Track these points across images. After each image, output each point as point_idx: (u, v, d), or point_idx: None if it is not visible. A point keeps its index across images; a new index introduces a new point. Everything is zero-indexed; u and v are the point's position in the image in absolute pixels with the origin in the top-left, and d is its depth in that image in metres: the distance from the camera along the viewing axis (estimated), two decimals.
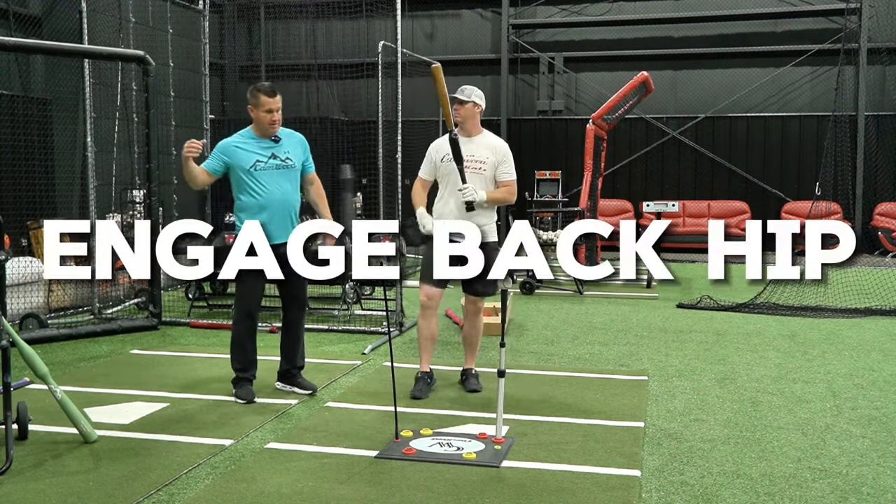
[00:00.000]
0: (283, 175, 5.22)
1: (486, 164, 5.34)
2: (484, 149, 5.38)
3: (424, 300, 5.37)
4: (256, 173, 5.17)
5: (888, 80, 14.79)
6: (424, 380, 5.43)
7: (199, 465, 4.12)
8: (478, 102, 5.40)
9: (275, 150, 5.25)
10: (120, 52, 8.41)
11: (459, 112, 5.36)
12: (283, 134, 5.32)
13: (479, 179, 5.33)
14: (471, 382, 5.56)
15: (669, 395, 5.48)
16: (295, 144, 5.34)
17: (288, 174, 5.26)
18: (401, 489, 3.82)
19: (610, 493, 3.76)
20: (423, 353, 5.48)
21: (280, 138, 5.28)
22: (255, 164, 5.18)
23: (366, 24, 14.16)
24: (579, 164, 11.56)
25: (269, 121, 5.18)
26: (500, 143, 5.49)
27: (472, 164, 5.32)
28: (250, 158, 5.19)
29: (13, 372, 4.41)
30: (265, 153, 5.22)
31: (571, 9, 16.34)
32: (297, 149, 5.34)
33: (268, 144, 5.24)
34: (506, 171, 5.42)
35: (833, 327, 7.89)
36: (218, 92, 15.32)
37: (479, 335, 5.61)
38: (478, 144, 5.39)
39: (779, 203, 15.35)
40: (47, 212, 10.21)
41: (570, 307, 9.09)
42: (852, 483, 3.91)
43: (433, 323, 5.45)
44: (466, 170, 5.27)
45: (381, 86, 8.92)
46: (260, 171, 5.18)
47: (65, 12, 11.15)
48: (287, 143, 5.31)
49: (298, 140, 5.39)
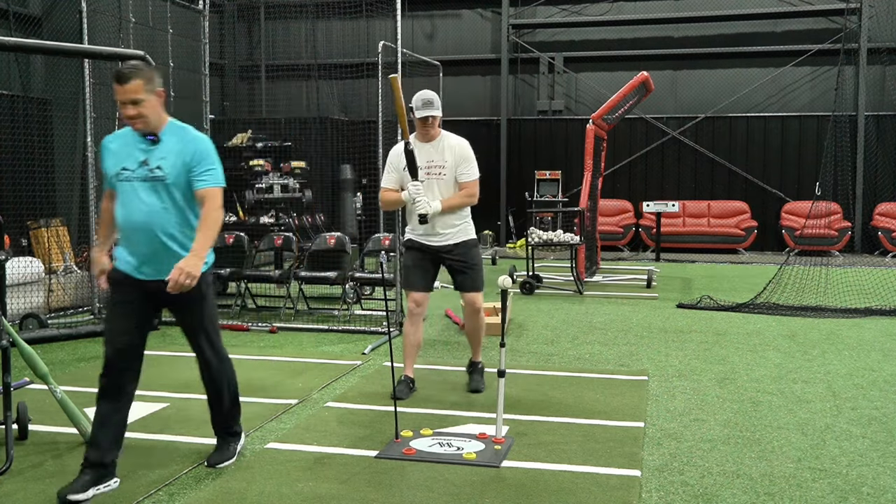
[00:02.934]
0: (150, 189, 3.77)
1: (446, 168, 5.25)
2: (443, 152, 5.27)
3: (413, 306, 5.38)
4: (119, 185, 3.81)
5: (888, 80, 14.80)
6: (407, 383, 5.44)
7: (199, 465, 4.12)
8: (440, 109, 5.24)
9: (150, 154, 3.80)
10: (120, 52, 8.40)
11: (432, 124, 5.22)
12: (171, 133, 3.86)
13: (441, 185, 5.24)
14: (474, 380, 5.56)
15: (669, 395, 5.48)
16: (178, 149, 3.81)
17: (156, 189, 3.77)
18: (401, 489, 3.82)
19: (610, 493, 3.76)
20: (407, 358, 5.50)
21: (159, 139, 3.82)
22: (119, 173, 3.81)
23: (366, 24, 14.17)
24: (579, 164, 11.56)
25: (126, 115, 3.75)
26: (459, 142, 5.34)
27: (433, 169, 5.24)
28: (116, 164, 3.83)
29: (13, 372, 4.41)
30: (136, 158, 3.80)
31: (571, 9, 16.34)
32: (178, 156, 3.79)
33: (145, 146, 3.81)
34: (464, 172, 5.27)
35: (833, 327, 7.89)
36: (218, 92, 15.33)
37: (481, 330, 5.61)
38: (436, 148, 5.28)
39: (779, 203, 15.36)
40: (47, 212, 10.22)
41: (570, 307, 9.09)
42: (852, 483, 3.91)
43: (419, 329, 5.47)
44: (428, 176, 5.21)
45: (381, 86, 8.91)
46: (123, 181, 3.80)
47: (65, 12, 11.15)
48: (167, 147, 3.81)
49: (188, 143, 3.84)
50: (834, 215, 13.55)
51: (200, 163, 3.82)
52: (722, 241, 15.04)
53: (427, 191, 5.21)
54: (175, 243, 3.83)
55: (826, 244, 13.73)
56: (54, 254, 9.56)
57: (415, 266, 5.37)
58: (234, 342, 7.16)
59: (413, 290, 5.36)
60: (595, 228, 12.02)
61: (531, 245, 10.39)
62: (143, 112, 3.73)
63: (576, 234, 10.51)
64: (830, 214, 12.58)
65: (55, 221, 10.37)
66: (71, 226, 10.92)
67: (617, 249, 15.52)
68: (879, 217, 14.50)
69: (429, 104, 5.18)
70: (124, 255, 3.88)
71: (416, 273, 5.36)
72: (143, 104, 3.71)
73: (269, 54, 16.07)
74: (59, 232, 10.08)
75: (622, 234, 15.45)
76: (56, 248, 9.75)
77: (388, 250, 8.74)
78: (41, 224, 10.18)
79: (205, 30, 9.69)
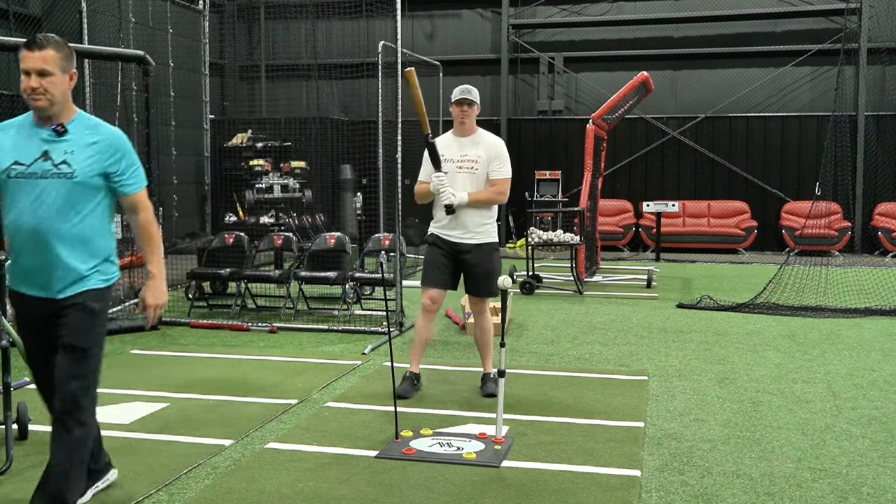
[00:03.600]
0: (50, 188, 3.19)
1: (479, 163, 5.29)
2: (478, 147, 5.34)
3: (427, 303, 5.34)
4: (10, 183, 3.24)
5: (888, 80, 14.79)
6: (412, 380, 5.42)
7: (199, 465, 4.12)
8: (478, 102, 5.38)
9: (51, 147, 3.24)
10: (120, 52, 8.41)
11: (468, 113, 5.30)
12: (81, 125, 3.30)
13: (472, 179, 5.28)
14: (488, 387, 5.44)
15: (669, 395, 5.48)
16: (90, 144, 3.27)
17: (60, 189, 3.20)
18: (401, 489, 3.82)
19: (610, 493, 3.76)
20: (414, 354, 5.48)
21: (65, 130, 3.26)
22: (10, 168, 3.23)
23: (366, 24, 14.17)
24: (579, 164, 11.56)
25: (26, 88, 3.19)
26: (494, 140, 5.43)
27: (466, 163, 5.28)
28: (6, 157, 3.25)
29: (13, 372, 4.41)
30: (33, 151, 3.24)
31: (571, 9, 16.33)
32: (92, 152, 3.25)
33: (46, 136, 3.25)
34: (496, 169, 5.33)
35: (833, 327, 7.89)
36: (218, 92, 15.33)
37: (488, 335, 5.51)
38: (473, 143, 5.36)
39: (779, 203, 15.35)
40: None
41: (570, 307, 9.09)
42: (852, 483, 3.91)
43: (431, 326, 5.45)
44: (460, 170, 5.26)
45: (381, 86, 8.92)
46: (15, 178, 3.23)
47: (65, 12, 11.15)
48: (77, 139, 3.26)
49: (106, 138, 3.31)
50: (834, 215, 13.54)
51: (123, 162, 3.31)
52: (722, 241, 15.04)
53: (457, 184, 5.24)
54: (72, 255, 3.23)
55: (826, 244, 13.72)
56: None
57: (434, 262, 5.34)
58: (234, 342, 7.17)
59: (429, 286, 5.33)
60: (595, 228, 12.02)
61: (531, 245, 10.39)
62: (49, 88, 3.17)
63: (576, 234, 10.51)
64: (830, 214, 12.56)
65: None
66: None
67: (617, 249, 15.51)
68: (879, 217, 14.50)
69: (466, 91, 5.28)
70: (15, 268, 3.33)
71: (434, 269, 5.33)
72: (51, 79, 3.17)
73: (269, 54, 16.06)
74: None
75: (622, 234, 15.44)
76: None
77: (388, 250, 8.73)
78: None
79: (205, 30, 9.69)
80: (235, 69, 16.41)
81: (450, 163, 5.28)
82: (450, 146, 5.35)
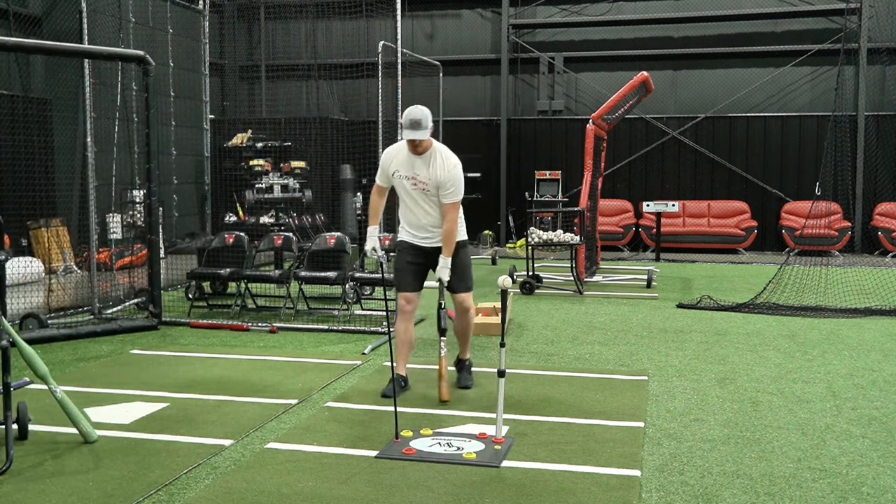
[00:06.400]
0: None
1: (429, 185, 5.28)
2: (429, 169, 5.26)
3: (403, 304, 5.47)
4: None
5: (888, 80, 14.79)
6: (398, 382, 5.45)
7: (199, 465, 4.12)
8: (430, 127, 5.17)
9: None
10: (120, 52, 8.41)
11: (419, 144, 5.18)
12: None
13: (425, 197, 5.33)
14: (463, 377, 5.67)
15: (669, 395, 5.48)
16: None
17: None
18: (401, 489, 3.82)
19: (610, 493, 3.76)
20: (399, 357, 5.52)
21: None
22: None
23: (366, 24, 14.17)
24: (579, 164, 11.56)
25: None
26: (445, 161, 5.26)
27: (419, 182, 5.31)
28: None
29: (13, 372, 4.41)
30: None
31: (571, 9, 16.34)
32: None
33: None
34: (446, 194, 5.26)
35: (833, 327, 7.89)
36: (218, 92, 15.33)
37: (469, 329, 5.72)
38: (424, 164, 5.28)
39: (779, 203, 15.35)
40: (47, 212, 10.22)
41: (570, 307, 9.09)
42: (852, 483, 3.91)
43: (410, 327, 5.53)
44: (415, 189, 5.31)
45: (381, 86, 8.91)
46: None
47: (65, 12, 11.16)
48: None
49: None
50: (834, 215, 13.54)
51: None
52: (722, 241, 15.04)
53: (414, 201, 5.36)
54: None
55: (826, 244, 13.72)
56: (54, 254, 9.57)
57: (406, 267, 5.49)
58: (234, 342, 7.17)
59: (403, 290, 5.48)
60: (595, 228, 12.02)
61: (531, 245, 10.39)
62: None
63: (576, 234, 10.51)
64: (830, 214, 12.56)
65: (55, 221, 10.38)
66: (71, 226, 10.93)
67: (617, 249, 15.51)
68: (879, 217, 14.50)
69: (416, 125, 5.07)
70: None
71: (407, 275, 5.48)
72: None
73: (269, 54, 16.07)
74: (58, 232, 10.09)
75: (622, 234, 15.45)
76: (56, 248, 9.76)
77: (387, 250, 8.73)
78: (41, 224, 10.20)
79: (205, 30, 9.70)
80: (235, 69, 16.42)
81: (405, 179, 5.34)
82: (404, 163, 5.32)
